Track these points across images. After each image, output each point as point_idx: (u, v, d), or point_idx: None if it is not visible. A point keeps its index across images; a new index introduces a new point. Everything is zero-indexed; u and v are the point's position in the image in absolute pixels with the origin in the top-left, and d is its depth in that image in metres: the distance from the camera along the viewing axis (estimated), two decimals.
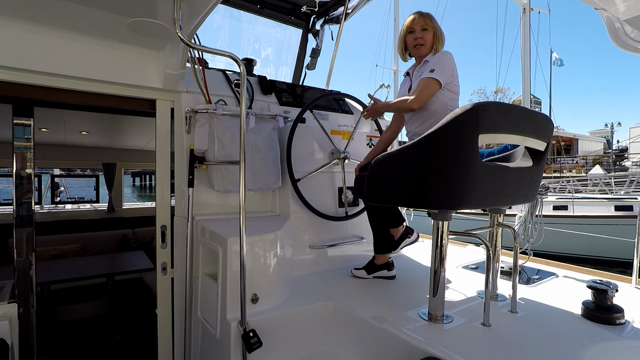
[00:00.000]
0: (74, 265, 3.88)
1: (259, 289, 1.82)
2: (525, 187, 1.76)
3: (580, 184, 12.21)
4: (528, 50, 11.17)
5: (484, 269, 2.57)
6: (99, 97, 2.16)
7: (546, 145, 1.81)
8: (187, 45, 1.52)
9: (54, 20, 1.78)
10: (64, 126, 3.60)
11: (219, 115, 2.17)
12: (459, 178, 1.45)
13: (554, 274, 2.46)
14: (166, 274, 2.32)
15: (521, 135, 1.63)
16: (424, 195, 1.52)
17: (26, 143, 2.10)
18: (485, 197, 1.54)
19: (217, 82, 2.50)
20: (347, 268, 2.48)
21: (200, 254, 2.09)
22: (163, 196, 2.30)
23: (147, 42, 2.02)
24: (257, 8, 3.25)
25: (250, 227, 2.03)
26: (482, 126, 1.41)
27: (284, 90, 2.82)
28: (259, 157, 2.33)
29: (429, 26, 2.01)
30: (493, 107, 1.45)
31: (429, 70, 1.91)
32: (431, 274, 1.69)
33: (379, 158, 1.71)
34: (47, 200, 6.17)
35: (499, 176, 1.58)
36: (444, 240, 1.68)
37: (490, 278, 1.70)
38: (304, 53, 3.69)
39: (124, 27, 1.77)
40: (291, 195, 2.44)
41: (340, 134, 2.74)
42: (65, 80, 2.00)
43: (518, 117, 1.57)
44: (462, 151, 1.43)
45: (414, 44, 2.05)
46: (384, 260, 2.32)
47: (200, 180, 2.33)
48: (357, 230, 2.73)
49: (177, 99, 2.29)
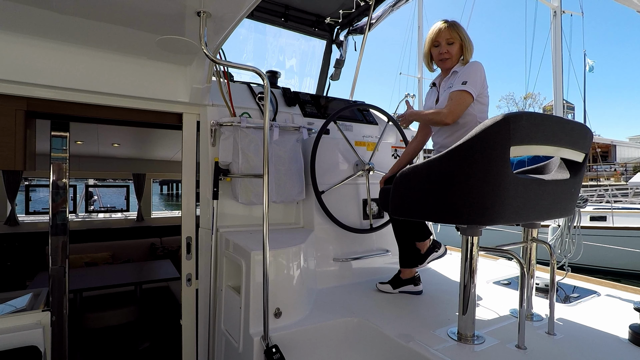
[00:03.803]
0: (105, 273, 4.00)
1: (282, 303, 1.79)
2: (562, 201, 1.66)
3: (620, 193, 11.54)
4: (560, 54, 10.75)
5: (516, 285, 2.45)
6: (129, 111, 2.23)
7: (584, 156, 1.71)
8: (212, 61, 1.54)
9: (89, 40, 1.86)
10: (97, 139, 3.76)
11: (243, 128, 2.19)
12: (490, 192, 1.38)
13: (595, 292, 2.31)
14: (191, 284, 2.34)
15: (556, 146, 1.55)
16: (452, 210, 1.46)
17: (62, 154, 2.21)
18: (518, 211, 1.47)
19: (242, 95, 2.53)
20: (372, 281, 2.43)
21: (225, 266, 2.10)
22: (189, 208, 2.33)
23: (174, 58, 2.07)
24: (282, 21, 3.29)
25: (273, 239, 2.02)
26: (514, 138, 1.35)
27: (307, 102, 2.82)
28: (283, 169, 2.33)
29: (455, 38, 1.96)
30: (525, 117, 1.38)
31: (460, 82, 1.86)
32: (460, 290, 1.61)
33: (405, 171, 1.67)
34: (82, 209, 6.47)
35: (533, 190, 1.50)
36: (474, 256, 1.60)
37: (525, 296, 1.61)
38: (328, 64, 3.70)
39: (153, 44, 1.83)
40: (315, 207, 2.42)
41: (364, 145, 2.70)
42: (98, 96, 2.08)
43: (553, 128, 1.49)
44: (493, 164, 1.37)
45: (439, 58, 2.01)
46: (410, 274, 2.25)
47: (225, 192, 2.35)
48: (382, 242, 2.67)
49: (203, 112, 2.33)
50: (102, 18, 1.62)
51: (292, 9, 3.26)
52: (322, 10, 3.36)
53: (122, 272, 4.11)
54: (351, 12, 3.32)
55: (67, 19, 1.63)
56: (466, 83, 1.83)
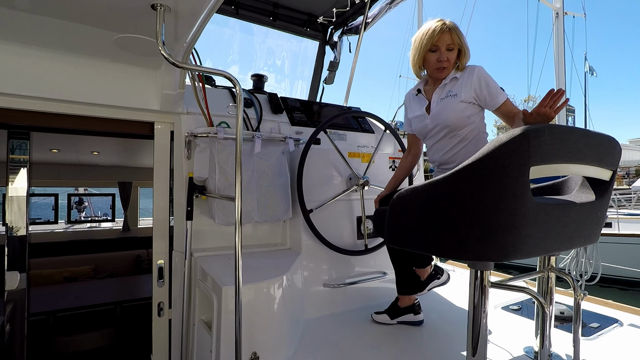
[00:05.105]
0: (84, 290, 3.76)
1: (260, 345, 1.54)
2: (587, 227, 1.42)
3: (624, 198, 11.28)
4: (562, 57, 10.53)
5: (527, 312, 2.22)
6: (94, 120, 1.99)
7: (612, 174, 1.46)
8: (172, 64, 1.29)
9: (40, 39, 1.62)
10: (73, 147, 3.51)
11: (221, 140, 1.94)
12: (505, 222, 1.13)
13: (617, 321, 2.07)
14: (163, 315, 2.08)
15: (582, 163, 1.31)
16: (458, 243, 1.22)
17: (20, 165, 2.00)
18: (538, 243, 1.22)
19: (223, 102, 2.28)
20: (367, 308, 2.18)
21: (197, 298, 1.84)
22: (161, 229, 2.08)
23: (141, 60, 1.83)
24: (270, 20, 3.05)
25: (252, 267, 1.77)
26: (534, 156, 1.10)
27: (296, 109, 2.57)
28: (266, 185, 2.07)
29: (455, 44, 1.68)
30: (548, 131, 1.13)
31: (497, 92, 1.66)
32: (468, 331, 1.36)
33: (403, 193, 1.41)
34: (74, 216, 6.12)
35: (556, 217, 1.25)
36: (485, 291, 1.35)
37: (545, 339, 1.36)
38: (321, 66, 3.46)
39: (112, 44, 1.58)
40: (303, 227, 2.17)
41: (359, 156, 2.45)
42: (58, 104, 1.85)
43: (579, 143, 1.24)
44: (509, 188, 1.12)
45: (436, 66, 1.71)
46: (409, 302, 2.01)
47: (202, 211, 2.10)
48: (378, 264, 2.42)
49: (177, 121, 2.08)
50: (52, 13, 1.37)
51: (282, 7, 3.02)
52: (315, 9, 3.12)
53: (102, 289, 3.86)
54: (345, 11, 3.08)
55: (12, 14, 1.38)
56: (494, 94, 1.66)
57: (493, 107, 1.68)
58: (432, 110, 1.77)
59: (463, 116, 1.67)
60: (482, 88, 1.65)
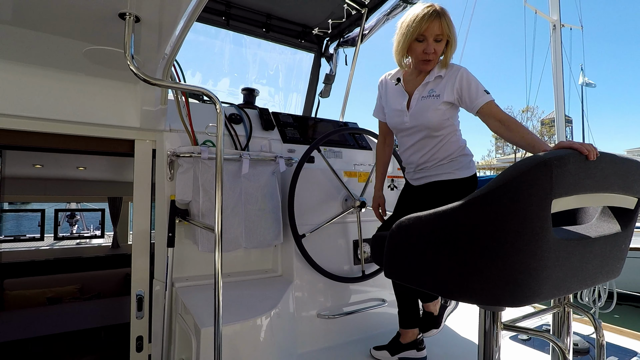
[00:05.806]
0: (66, 314, 3.54)
1: None
2: (610, 262, 1.26)
3: None
4: (560, 68, 10.50)
5: (538, 344, 2.05)
6: (71, 138, 1.85)
7: (637, 201, 1.31)
8: (143, 80, 1.14)
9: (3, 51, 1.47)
10: (57, 163, 3.35)
11: (205, 160, 1.78)
12: (522, 262, 0.98)
13: (636, 354, 1.90)
14: (142, 350, 1.90)
15: (607, 192, 1.16)
16: (466, 285, 1.06)
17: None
18: (558, 284, 1.06)
19: (210, 118, 2.12)
20: (365, 340, 2.01)
21: (177, 335, 1.67)
22: (141, 257, 1.91)
23: (117, 74, 1.68)
24: (263, 32, 2.92)
25: (237, 301, 1.61)
26: (557, 188, 0.95)
27: (289, 124, 2.43)
28: (254, 209, 1.91)
29: (444, 34, 1.51)
30: (572, 160, 0.99)
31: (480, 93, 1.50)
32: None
33: (404, 222, 1.26)
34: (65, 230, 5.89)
35: (578, 254, 1.09)
36: (497, 335, 1.19)
37: None
38: (317, 80, 3.32)
39: (82, 56, 1.44)
40: (295, 252, 2.00)
41: (356, 175, 2.29)
42: (33, 122, 1.70)
43: (606, 171, 1.09)
44: (527, 225, 0.96)
45: (421, 57, 1.55)
46: (411, 337, 1.84)
47: (186, 235, 1.94)
48: (377, 291, 2.25)
49: (160, 139, 1.93)
50: (16, 22, 1.23)
51: (275, 18, 2.90)
52: (309, 20, 3.00)
53: (87, 312, 3.64)
54: (342, 22, 2.96)
55: None
56: (479, 94, 1.50)
57: (474, 109, 1.51)
58: (412, 107, 1.63)
59: (444, 118, 1.58)
60: (463, 89, 1.52)
